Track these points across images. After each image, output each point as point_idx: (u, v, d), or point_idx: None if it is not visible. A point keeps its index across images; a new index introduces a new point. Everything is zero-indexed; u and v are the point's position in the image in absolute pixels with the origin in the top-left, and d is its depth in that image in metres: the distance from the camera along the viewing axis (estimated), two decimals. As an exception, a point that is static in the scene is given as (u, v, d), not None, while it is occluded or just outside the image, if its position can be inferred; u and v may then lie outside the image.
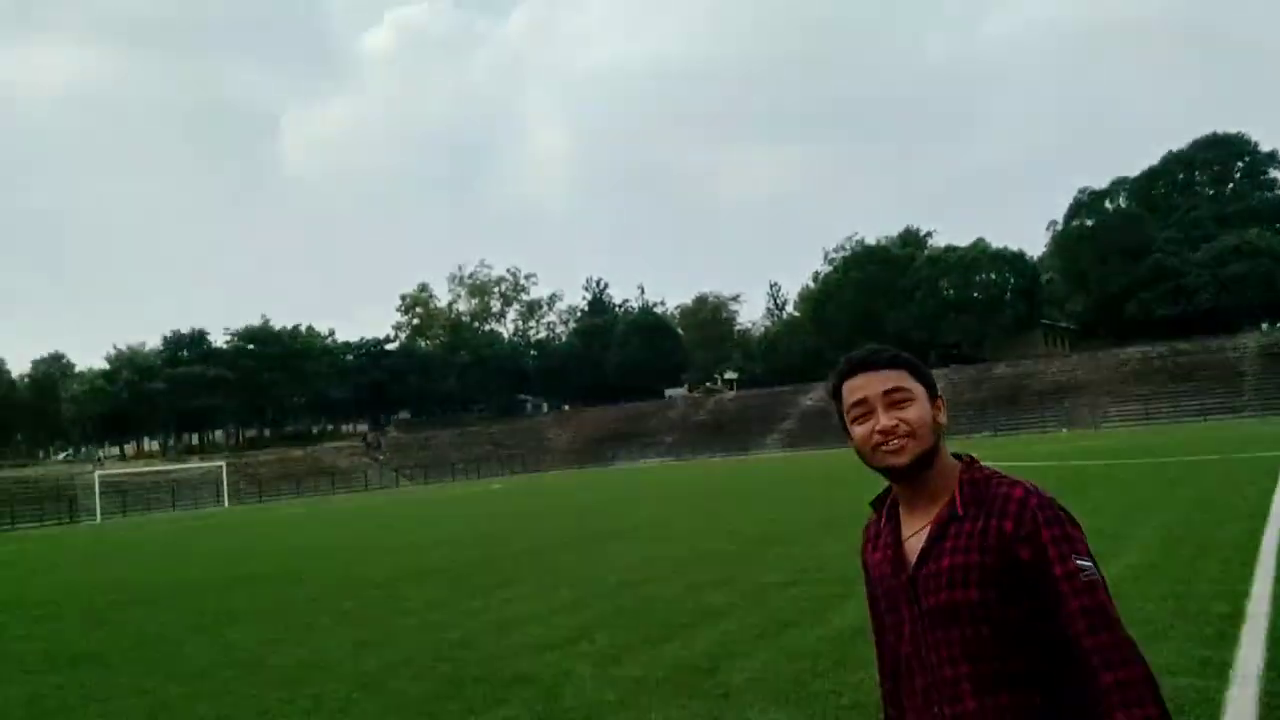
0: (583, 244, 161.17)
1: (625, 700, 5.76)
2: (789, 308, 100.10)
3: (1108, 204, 77.14)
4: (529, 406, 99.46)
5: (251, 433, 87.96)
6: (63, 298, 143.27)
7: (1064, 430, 55.48)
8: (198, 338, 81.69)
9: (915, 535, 1.78)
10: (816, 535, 13.27)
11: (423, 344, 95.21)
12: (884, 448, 1.76)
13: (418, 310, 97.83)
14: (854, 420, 1.82)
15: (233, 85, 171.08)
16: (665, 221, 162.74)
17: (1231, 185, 78.06)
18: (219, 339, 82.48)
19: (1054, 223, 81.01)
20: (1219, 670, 5.24)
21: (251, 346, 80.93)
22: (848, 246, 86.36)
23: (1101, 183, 78.19)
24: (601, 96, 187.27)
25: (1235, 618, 6.35)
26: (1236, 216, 72.55)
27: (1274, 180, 76.71)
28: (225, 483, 57.70)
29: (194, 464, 65.77)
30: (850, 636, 6.86)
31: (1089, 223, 75.90)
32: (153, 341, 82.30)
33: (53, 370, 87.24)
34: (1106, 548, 9.01)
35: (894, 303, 77.72)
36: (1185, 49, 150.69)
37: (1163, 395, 58.71)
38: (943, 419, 1.81)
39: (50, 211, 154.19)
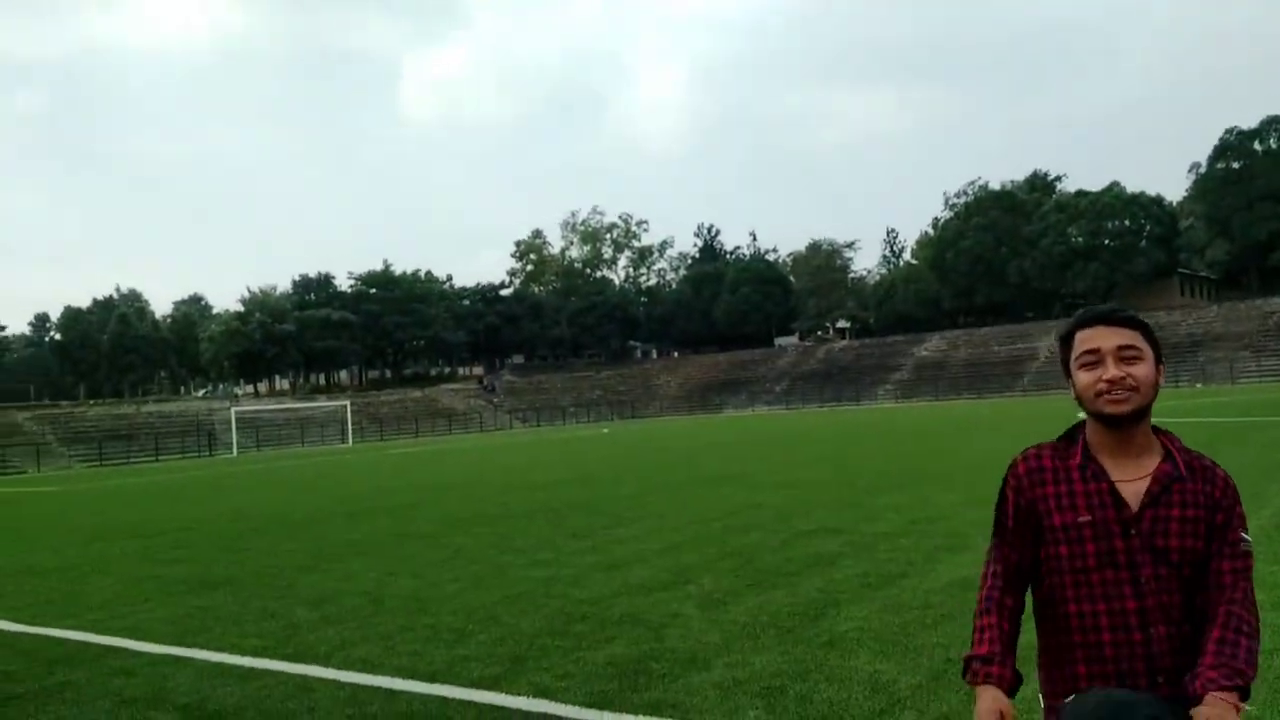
0: (695, 190, 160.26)
1: (729, 643, 5.82)
2: (906, 255, 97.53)
3: (1257, 145, 71.89)
4: (639, 353, 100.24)
5: (374, 374, 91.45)
6: (201, 242, 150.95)
7: (1198, 385, 52.72)
8: (324, 281, 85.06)
9: (1129, 483, 2.02)
10: (928, 486, 13.04)
11: (536, 290, 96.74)
12: (1108, 396, 1.98)
13: (531, 256, 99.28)
14: (1081, 366, 2.03)
15: (355, 33, 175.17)
16: (779, 166, 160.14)
17: (1400, 123, 71.63)
18: (344, 283, 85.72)
19: (1196, 165, 76.08)
20: (1361, 641, 4.95)
21: (374, 290, 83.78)
22: (970, 191, 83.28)
23: (1250, 122, 72.89)
24: (716, 37, 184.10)
25: (1382, 587, 5.97)
26: (1405, 157, 66.76)
27: None
28: (349, 421, 60.26)
29: (321, 402, 68.86)
30: (960, 590, 6.74)
31: (1235, 165, 71.02)
32: (283, 284, 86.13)
33: (192, 311, 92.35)
34: (1240, 509, 8.56)
35: (1018, 250, 74.79)
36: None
37: (1310, 350, 55.07)
38: (1161, 381, 2.03)
39: (189, 158, 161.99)
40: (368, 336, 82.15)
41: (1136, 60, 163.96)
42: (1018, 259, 74.53)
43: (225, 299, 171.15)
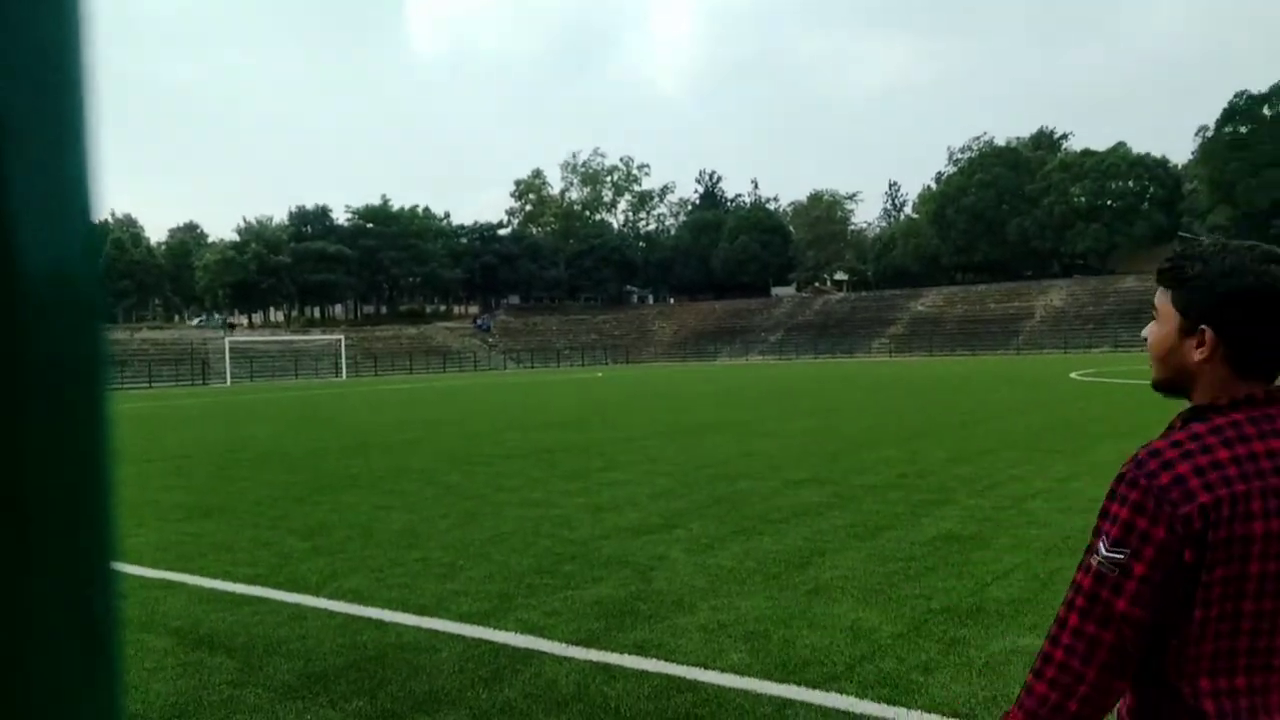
0: (698, 136, 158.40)
1: (715, 588, 5.92)
2: (907, 209, 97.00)
3: (1266, 110, 71.12)
4: (635, 298, 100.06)
5: (369, 309, 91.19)
6: (197, 169, 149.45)
7: (1192, 350, 52.89)
8: (321, 214, 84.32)
9: None
10: (916, 441, 13.15)
11: (534, 231, 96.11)
12: None
13: (530, 196, 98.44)
14: None
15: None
16: (784, 115, 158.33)
17: None
18: (341, 216, 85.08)
19: (1204, 128, 75.32)
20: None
21: (371, 225, 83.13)
22: (975, 147, 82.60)
23: (1261, 87, 72.01)
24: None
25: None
26: None
27: None
28: (343, 356, 60.26)
29: (315, 336, 68.79)
30: (944, 543, 6.85)
31: (1243, 130, 70.35)
32: (279, 216, 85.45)
33: (187, 239, 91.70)
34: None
35: (1019, 208, 74.40)
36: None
37: (1306, 319, 55.17)
38: (1192, 349, 1.47)
39: (187, 83, 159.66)
40: (363, 271, 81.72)
41: (1150, 18, 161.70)
42: (1019, 217, 74.18)
43: (221, 228, 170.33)
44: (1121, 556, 1.39)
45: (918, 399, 22.28)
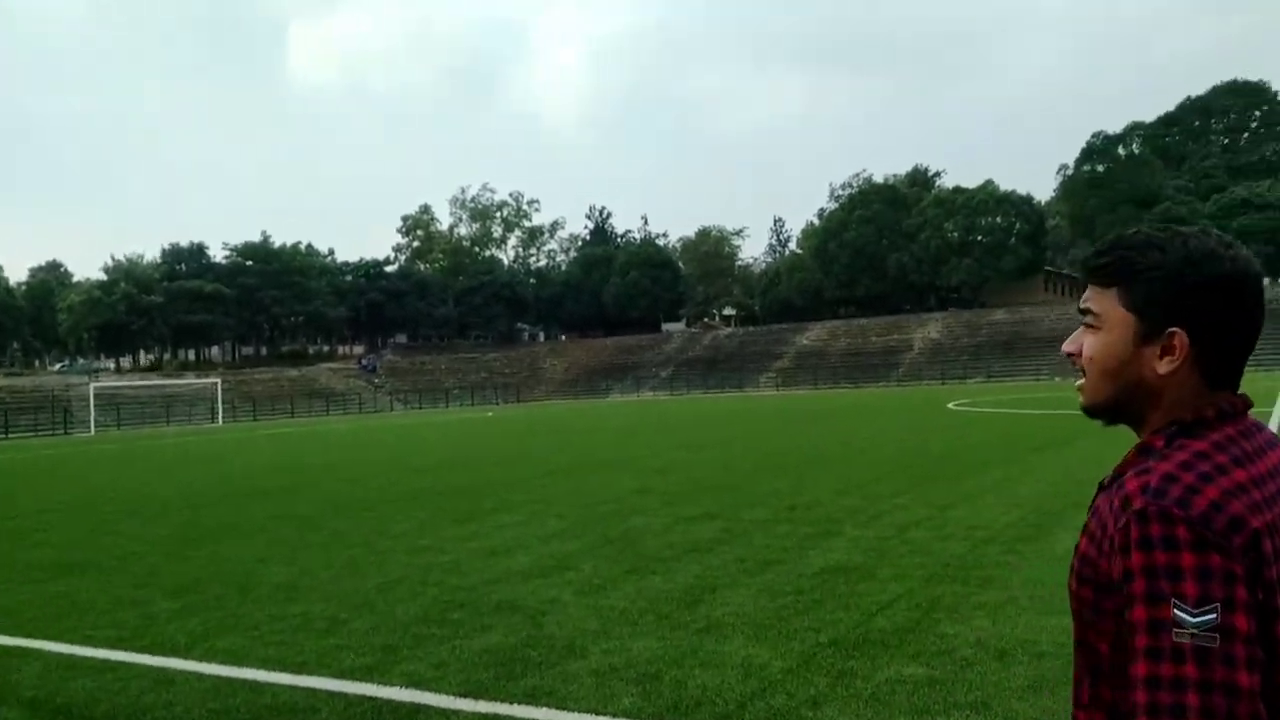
0: (588, 172, 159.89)
1: (607, 630, 5.85)
2: (792, 244, 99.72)
3: (1120, 150, 76.16)
4: (526, 335, 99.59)
5: (248, 350, 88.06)
6: (62, 206, 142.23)
7: (1056, 379, 55.63)
8: (196, 251, 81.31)
9: None
10: (803, 474, 13.38)
11: (422, 267, 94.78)
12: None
13: (418, 233, 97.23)
14: None
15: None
16: (673, 151, 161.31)
17: (1247, 135, 77.18)
18: (218, 254, 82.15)
19: (1064, 166, 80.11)
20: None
21: (250, 263, 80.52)
22: (855, 184, 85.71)
23: (1116, 127, 77.15)
24: (616, 18, 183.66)
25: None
26: (1250, 168, 71.99)
27: (1289, 132, 75.77)
28: (220, 400, 57.90)
29: (190, 380, 65.95)
30: (832, 574, 6.95)
31: (1100, 168, 75.06)
32: (151, 254, 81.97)
33: (50, 279, 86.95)
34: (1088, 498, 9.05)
35: (897, 243, 77.30)
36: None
37: (1159, 347, 58.70)
38: (1162, 368, 1.20)
39: (52, 117, 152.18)
40: (242, 311, 78.89)
41: (1019, 64, 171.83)
42: (897, 252, 77.08)
43: (87, 268, 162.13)
44: (1215, 615, 1.02)
45: (805, 431, 22.74)
